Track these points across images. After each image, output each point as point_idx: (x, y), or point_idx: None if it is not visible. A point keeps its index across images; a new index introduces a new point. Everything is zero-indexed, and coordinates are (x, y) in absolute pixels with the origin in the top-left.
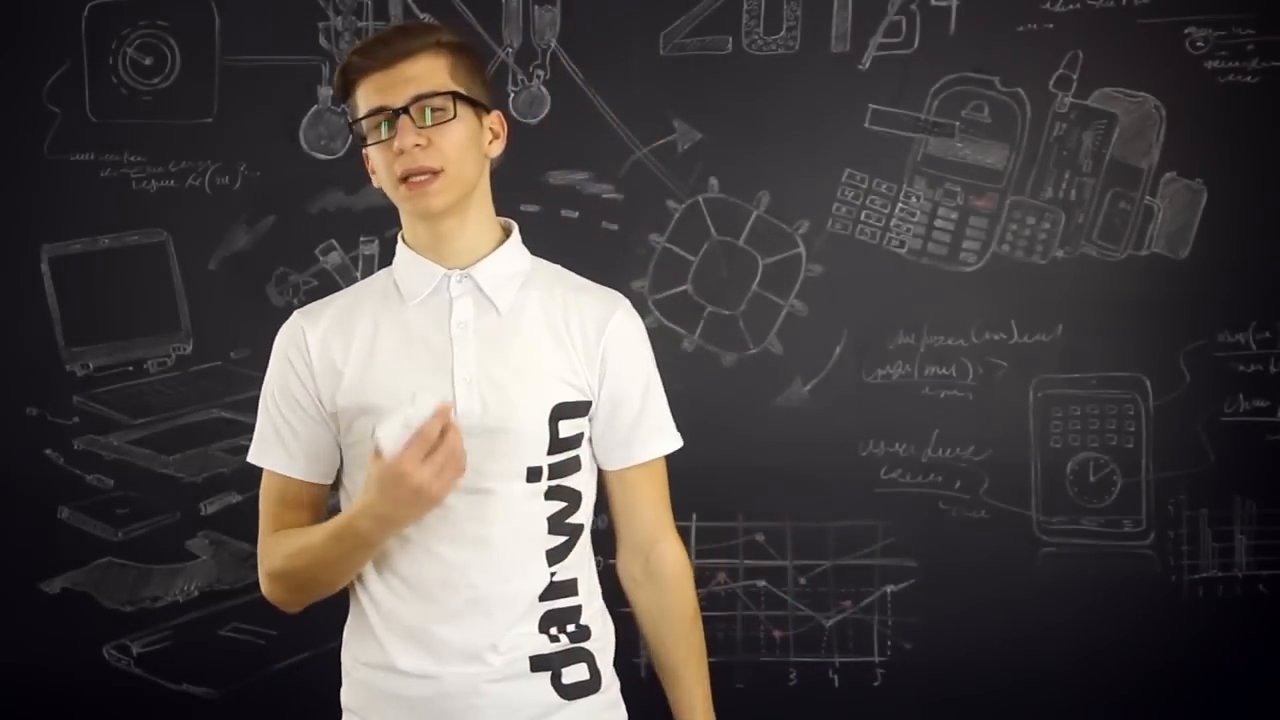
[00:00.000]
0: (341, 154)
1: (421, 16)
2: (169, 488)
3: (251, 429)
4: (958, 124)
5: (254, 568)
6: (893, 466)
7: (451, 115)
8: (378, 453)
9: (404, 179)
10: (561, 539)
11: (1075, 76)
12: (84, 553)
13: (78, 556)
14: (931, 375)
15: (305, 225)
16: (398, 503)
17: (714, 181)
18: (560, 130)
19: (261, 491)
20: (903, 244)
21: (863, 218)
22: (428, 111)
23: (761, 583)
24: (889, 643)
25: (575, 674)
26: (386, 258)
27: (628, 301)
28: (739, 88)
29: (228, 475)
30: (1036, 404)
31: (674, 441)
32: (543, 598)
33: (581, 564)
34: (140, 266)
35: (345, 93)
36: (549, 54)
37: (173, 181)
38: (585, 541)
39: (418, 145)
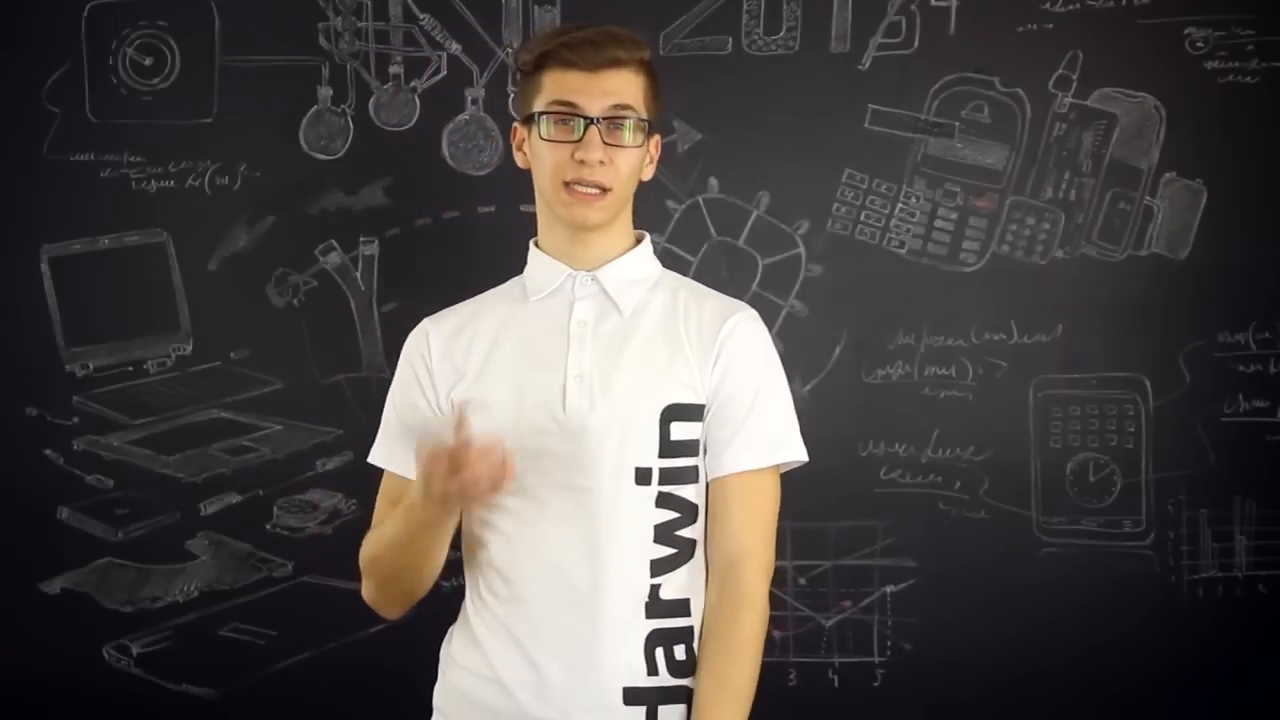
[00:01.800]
0: (341, 154)
1: (421, 18)
2: (169, 488)
3: (250, 429)
4: (958, 124)
5: (254, 568)
6: (893, 466)
7: (636, 141)
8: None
9: (570, 184)
10: (669, 551)
11: (1075, 77)
12: (84, 553)
13: (77, 557)
14: (931, 375)
15: (305, 225)
16: (434, 497)
17: (714, 182)
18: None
19: (379, 494)
20: (902, 244)
21: (862, 218)
22: (617, 128)
23: None
24: (889, 643)
25: (672, 715)
26: (387, 258)
27: (754, 311)
28: (739, 88)
29: (228, 475)
30: (1036, 404)
31: (773, 458)
32: (650, 614)
33: (696, 585)
34: (140, 267)
35: (533, 69)
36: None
37: (172, 182)
38: (700, 562)
39: (600, 161)
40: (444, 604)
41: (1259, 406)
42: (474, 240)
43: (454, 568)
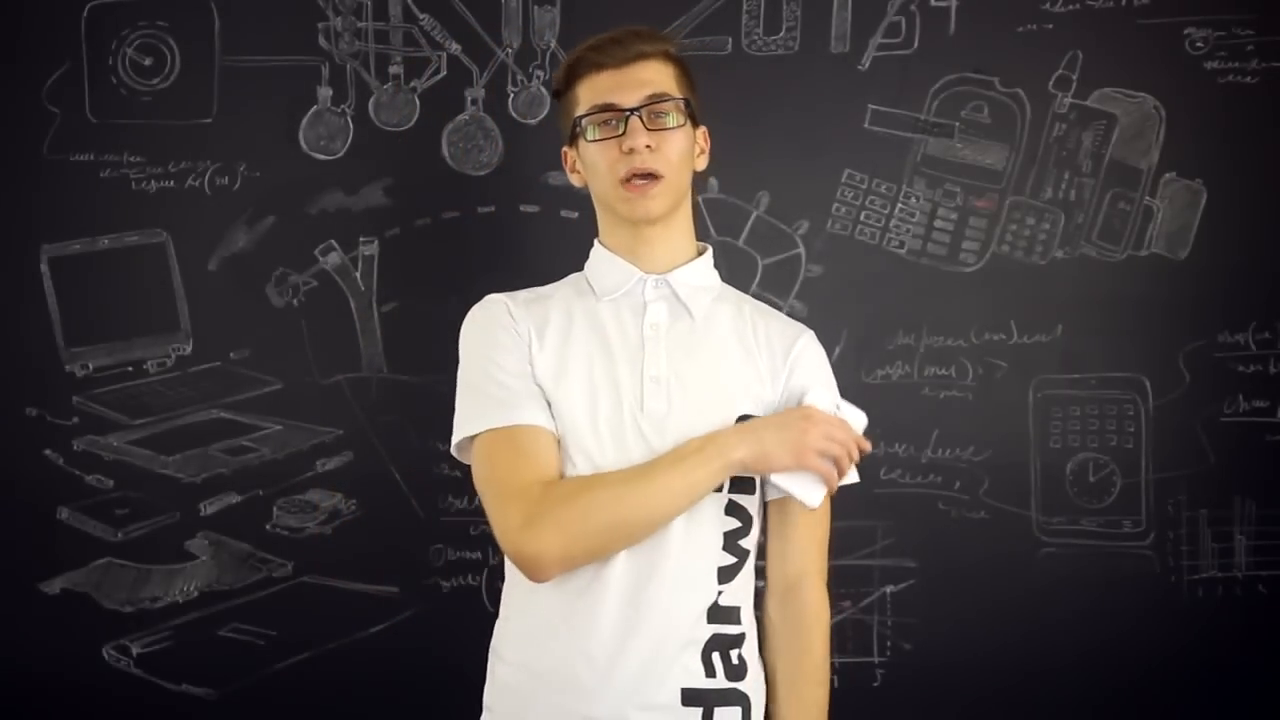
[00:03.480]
0: (341, 154)
1: (421, 18)
2: (169, 488)
3: (250, 429)
4: (957, 124)
5: (254, 568)
6: (892, 467)
7: (679, 123)
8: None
9: (626, 180)
10: (732, 559)
11: (1075, 77)
12: (84, 553)
13: (77, 557)
14: (931, 375)
15: (305, 226)
16: (782, 424)
17: (713, 182)
18: (560, 130)
19: (487, 466)
20: (902, 244)
21: (862, 218)
22: (658, 115)
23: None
24: (889, 643)
25: (728, 716)
26: (386, 258)
27: (813, 331)
28: (739, 88)
29: (227, 475)
30: (1036, 404)
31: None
32: (710, 619)
33: (745, 594)
34: (140, 267)
35: (566, 86)
36: (549, 54)
37: (172, 182)
38: (750, 572)
39: (647, 147)
40: (439, 604)
41: (1259, 406)
42: (474, 240)
43: (453, 568)
